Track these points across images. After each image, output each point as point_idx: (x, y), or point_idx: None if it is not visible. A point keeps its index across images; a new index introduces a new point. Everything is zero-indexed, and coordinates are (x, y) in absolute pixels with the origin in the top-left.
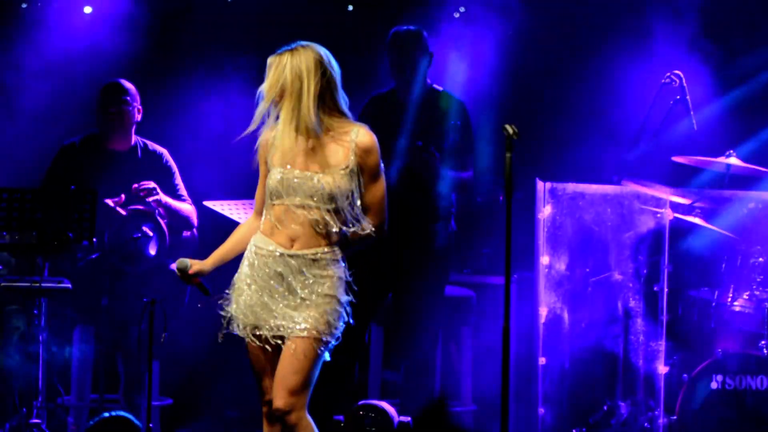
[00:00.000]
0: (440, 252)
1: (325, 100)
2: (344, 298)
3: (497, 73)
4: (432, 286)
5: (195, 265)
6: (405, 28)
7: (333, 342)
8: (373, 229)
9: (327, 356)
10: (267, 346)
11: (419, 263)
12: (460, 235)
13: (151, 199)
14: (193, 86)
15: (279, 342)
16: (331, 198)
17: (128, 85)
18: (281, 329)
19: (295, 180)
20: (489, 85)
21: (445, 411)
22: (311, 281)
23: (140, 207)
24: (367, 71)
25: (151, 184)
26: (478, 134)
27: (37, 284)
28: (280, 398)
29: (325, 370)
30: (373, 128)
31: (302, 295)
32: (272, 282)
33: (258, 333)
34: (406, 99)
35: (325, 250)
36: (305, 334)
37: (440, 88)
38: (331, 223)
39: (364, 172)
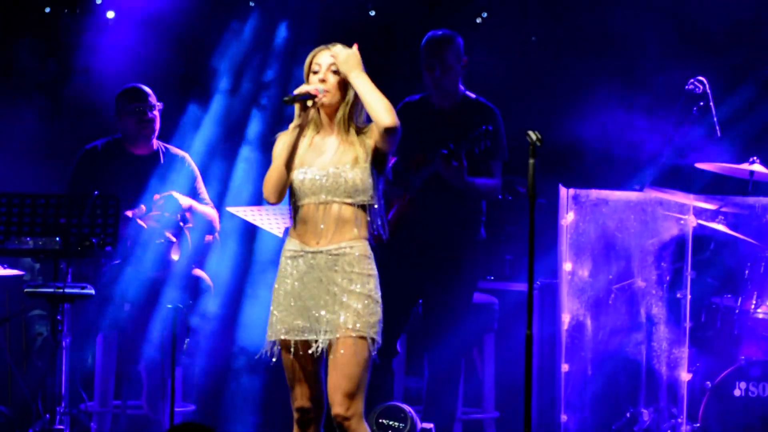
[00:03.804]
0: (468, 260)
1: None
2: (379, 296)
3: (520, 79)
4: (459, 294)
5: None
6: (440, 32)
7: (379, 340)
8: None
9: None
10: (300, 352)
11: (447, 271)
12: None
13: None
14: (216, 91)
15: (316, 346)
16: (356, 191)
17: (147, 89)
18: (322, 333)
19: (322, 178)
20: (511, 90)
21: None
22: (344, 279)
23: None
24: (388, 77)
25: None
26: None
27: (61, 290)
28: (338, 405)
29: None
30: (405, 134)
31: (339, 295)
32: (305, 284)
33: (291, 339)
34: (439, 105)
35: (351, 244)
36: (353, 334)
37: (473, 95)
38: (357, 217)
39: (378, 154)
